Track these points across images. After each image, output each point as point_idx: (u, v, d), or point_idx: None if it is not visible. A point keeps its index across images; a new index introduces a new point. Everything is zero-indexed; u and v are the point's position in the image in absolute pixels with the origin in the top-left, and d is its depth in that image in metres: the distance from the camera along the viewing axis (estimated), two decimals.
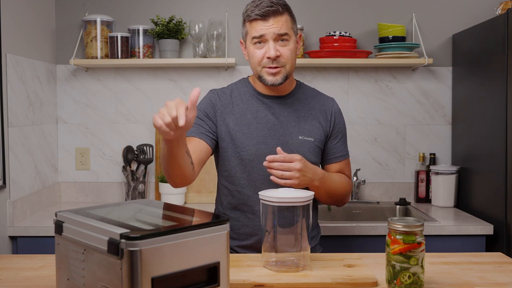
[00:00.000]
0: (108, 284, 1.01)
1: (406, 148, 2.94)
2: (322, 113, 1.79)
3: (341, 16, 2.90)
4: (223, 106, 1.76)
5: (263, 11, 1.63)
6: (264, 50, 1.66)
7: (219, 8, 2.89)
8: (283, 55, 1.66)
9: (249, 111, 1.75)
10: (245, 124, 1.73)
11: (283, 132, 1.73)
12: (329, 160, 1.81)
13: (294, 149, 1.71)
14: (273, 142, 1.71)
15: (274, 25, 1.64)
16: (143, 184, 2.81)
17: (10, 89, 2.30)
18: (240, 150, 1.71)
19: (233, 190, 1.75)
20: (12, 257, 1.62)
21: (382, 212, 2.81)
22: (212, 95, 1.80)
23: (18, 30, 2.41)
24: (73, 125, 2.90)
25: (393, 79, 2.92)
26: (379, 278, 1.35)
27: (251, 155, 1.71)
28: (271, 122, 1.73)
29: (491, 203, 2.42)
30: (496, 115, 2.35)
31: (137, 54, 2.78)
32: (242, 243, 1.76)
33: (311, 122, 1.76)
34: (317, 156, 1.77)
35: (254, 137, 1.72)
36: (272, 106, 1.76)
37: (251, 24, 1.66)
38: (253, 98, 1.77)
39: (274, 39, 1.65)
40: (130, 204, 1.32)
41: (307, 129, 1.75)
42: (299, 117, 1.76)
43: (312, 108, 1.79)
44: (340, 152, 1.81)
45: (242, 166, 1.72)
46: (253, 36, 1.66)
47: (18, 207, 2.36)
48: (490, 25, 2.43)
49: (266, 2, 1.64)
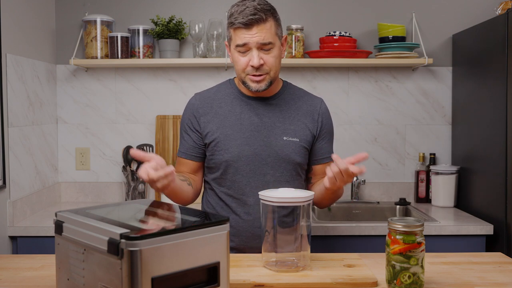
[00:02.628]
0: (108, 284, 1.01)
1: (406, 148, 2.94)
2: (309, 113, 1.78)
3: (341, 16, 2.90)
4: (205, 111, 1.77)
5: (246, 19, 1.61)
6: (247, 57, 1.66)
7: (219, 8, 2.89)
8: (266, 63, 1.66)
9: (232, 113, 1.75)
10: (228, 126, 1.73)
11: (267, 133, 1.73)
12: (317, 161, 1.80)
13: (278, 150, 1.71)
14: (256, 143, 1.71)
15: (257, 34, 1.63)
16: (143, 184, 2.81)
17: (10, 89, 2.30)
18: (224, 152, 1.72)
19: (218, 191, 1.77)
20: (12, 257, 1.62)
21: (382, 212, 2.81)
22: (193, 102, 1.81)
23: (18, 30, 2.41)
24: (73, 125, 2.90)
25: (393, 79, 2.92)
26: (379, 278, 1.36)
27: (234, 157, 1.71)
28: (254, 123, 1.73)
29: (491, 203, 2.42)
30: (496, 115, 2.35)
31: (137, 54, 2.78)
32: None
33: (297, 123, 1.76)
34: (303, 156, 1.75)
35: (237, 139, 1.72)
36: (257, 107, 1.76)
37: (235, 32, 1.66)
38: (237, 99, 1.78)
39: (257, 47, 1.64)
40: (130, 204, 1.32)
41: (292, 130, 1.74)
42: (284, 118, 1.75)
43: (299, 108, 1.78)
44: (328, 153, 1.80)
45: (225, 167, 1.73)
46: (236, 44, 1.66)
47: (18, 207, 2.36)
48: (490, 25, 2.43)
49: (250, 9, 1.62)
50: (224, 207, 1.76)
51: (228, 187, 1.74)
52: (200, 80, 2.89)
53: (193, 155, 1.79)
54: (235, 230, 1.74)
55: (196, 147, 1.78)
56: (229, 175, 1.72)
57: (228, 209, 1.75)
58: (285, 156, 1.71)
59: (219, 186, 1.76)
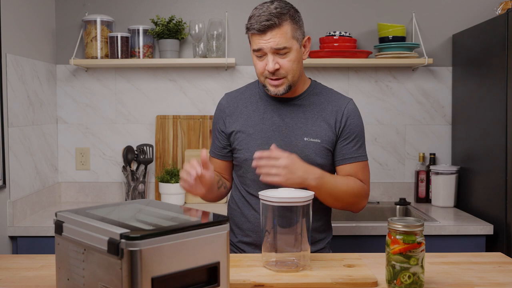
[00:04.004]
0: (108, 284, 1.01)
1: (406, 148, 2.94)
2: (333, 114, 1.76)
3: (341, 16, 2.90)
4: (231, 111, 1.82)
5: (260, 26, 1.62)
6: (264, 62, 1.67)
7: (219, 8, 2.89)
8: (282, 67, 1.66)
9: (256, 112, 1.78)
10: (251, 126, 1.77)
11: (288, 133, 1.73)
12: (338, 162, 1.76)
13: (298, 151, 1.71)
14: (277, 143, 1.71)
15: (271, 39, 1.63)
16: (143, 184, 2.81)
17: (10, 89, 2.30)
18: (245, 151, 1.75)
19: (240, 188, 1.83)
20: (12, 257, 1.62)
21: (382, 212, 2.81)
22: (221, 102, 1.88)
23: (18, 30, 2.41)
24: (73, 125, 2.90)
25: (393, 79, 2.92)
26: (379, 278, 1.36)
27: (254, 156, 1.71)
28: (276, 123, 1.75)
29: (491, 203, 2.42)
30: (496, 115, 2.35)
31: (137, 54, 2.78)
32: (244, 239, 1.80)
33: (320, 123, 1.74)
34: (325, 157, 1.74)
35: (258, 138, 1.74)
36: (280, 107, 1.77)
37: (252, 37, 1.68)
38: (262, 100, 1.80)
39: (272, 52, 1.64)
40: (130, 204, 1.32)
41: (314, 131, 1.73)
42: (306, 119, 1.75)
43: (324, 109, 1.76)
44: (351, 154, 1.75)
45: (246, 166, 1.76)
46: (253, 49, 1.69)
47: (18, 207, 2.36)
48: (490, 25, 2.43)
49: (265, 15, 1.62)
50: (245, 203, 1.80)
51: (248, 185, 1.78)
52: (200, 80, 2.89)
53: (220, 155, 1.86)
54: (252, 226, 1.77)
55: (223, 148, 1.84)
56: (249, 174, 1.75)
57: (249, 206, 1.79)
58: (305, 157, 1.69)
59: (242, 184, 1.81)
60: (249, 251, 1.78)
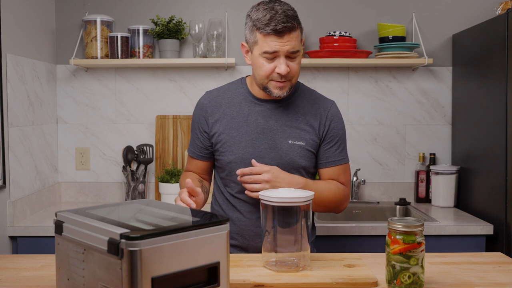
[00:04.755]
0: (108, 284, 1.01)
1: (406, 148, 2.94)
2: (317, 116, 1.75)
3: (341, 16, 2.90)
4: (214, 111, 1.78)
5: (280, 27, 1.57)
6: (274, 64, 1.63)
7: (219, 8, 2.89)
8: (292, 70, 1.65)
9: (240, 114, 1.75)
10: (234, 128, 1.74)
11: (272, 136, 1.72)
12: (321, 165, 1.77)
13: (283, 154, 1.71)
14: (261, 146, 1.71)
15: (288, 42, 1.60)
16: (143, 184, 2.81)
17: (10, 89, 2.30)
18: (229, 153, 1.73)
19: (224, 190, 1.80)
20: (12, 257, 1.62)
21: (382, 212, 2.81)
22: (202, 101, 1.82)
23: (18, 30, 2.41)
24: (73, 125, 2.90)
25: (393, 79, 2.92)
26: (379, 278, 1.35)
27: (239, 159, 1.72)
28: (260, 126, 1.73)
29: (491, 203, 2.42)
30: (496, 115, 2.35)
31: (137, 54, 2.78)
32: (230, 242, 1.76)
33: (304, 126, 1.74)
34: (309, 160, 1.74)
35: (242, 141, 1.72)
36: (265, 110, 1.75)
37: (264, 38, 1.61)
38: (246, 101, 1.77)
39: (285, 55, 1.62)
40: (130, 204, 1.32)
41: (298, 133, 1.73)
42: (291, 121, 1.74)
43: (307, 112, 1.76)
44: (334, 157, 1.76)
45: (230, 169, 1.74)
46: (265, 51, 1.62)
47: (18, 207, 2.36)
48: (490, 25, 2.43)
49: (282, 17, 1.58)
50: (229, 206, 1.78)
51: (232, 187, 1.76)
52: (200, 80, 2.89)
53: (200, 155, 1.82)
54: (238, 229, 1.76)
55: (203, 147, 1.80)
56: (233, 176, 1.73)
57: (233, 208, 1.77)
58: (289, 160, 1.70)
59: (225, 186, 1.79)
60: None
